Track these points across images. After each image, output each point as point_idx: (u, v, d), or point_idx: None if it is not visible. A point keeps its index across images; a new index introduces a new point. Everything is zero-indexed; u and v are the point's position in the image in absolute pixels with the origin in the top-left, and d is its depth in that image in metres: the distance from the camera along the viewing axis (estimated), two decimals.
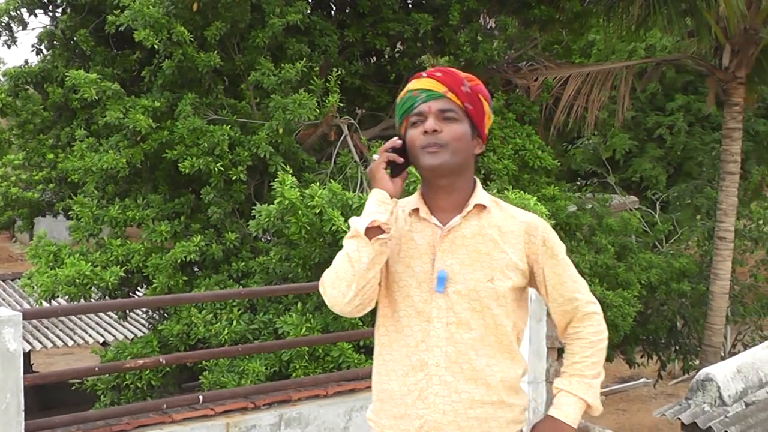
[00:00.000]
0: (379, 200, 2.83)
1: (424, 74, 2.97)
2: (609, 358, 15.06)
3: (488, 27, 15.96)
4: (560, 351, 7.53)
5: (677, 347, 16.48)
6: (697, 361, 15.49)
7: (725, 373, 5.97)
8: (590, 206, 15.74)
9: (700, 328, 15.42)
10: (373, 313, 3.01)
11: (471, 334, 2.88)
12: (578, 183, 23.13)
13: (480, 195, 2.97)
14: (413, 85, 2.97)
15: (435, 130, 2.85)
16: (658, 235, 17.99)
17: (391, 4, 13.43)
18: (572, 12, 15.04)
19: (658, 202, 20.16)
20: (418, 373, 2.88)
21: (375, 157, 2.90)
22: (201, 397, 5.91)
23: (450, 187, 2.94)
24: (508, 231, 2.95)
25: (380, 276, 2.91)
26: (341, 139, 11.89)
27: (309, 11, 13.14)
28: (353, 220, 2.83)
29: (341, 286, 2.80)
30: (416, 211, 2.97)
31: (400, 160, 2.90)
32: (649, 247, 17.13)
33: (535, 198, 10.88)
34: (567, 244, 12.93)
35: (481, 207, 2.94)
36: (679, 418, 5.82)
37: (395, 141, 2.92)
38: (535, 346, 7.13)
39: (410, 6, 14.69)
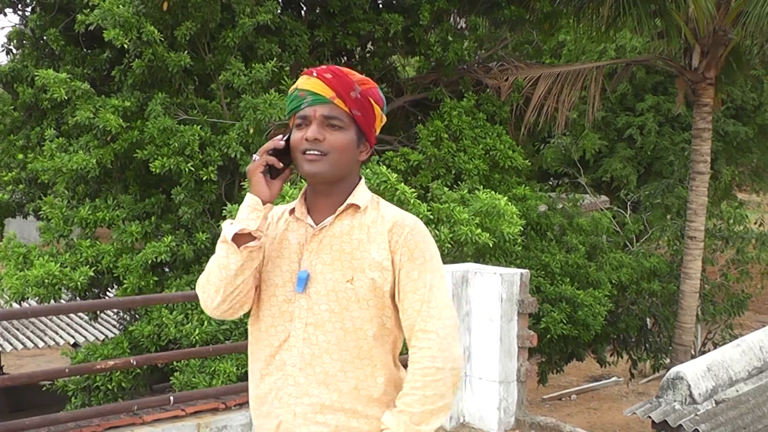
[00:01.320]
0: (250, 207, 2.77)
1: (314, 73, 2.86)
2: (580, 357, 15.12)
3: (459, 27, 16.00)
4: (531, 351, 7.57)
5: (648, 346, 16.56)
6: (668, 360, 15.56)
7: (696, 372, 6.01)
8: (561, 206, 15.80)
9: (670, 327, 15.50)
10: None
11: (326, 337, 2.79)
12: (550, 183, 23.22)
13: (357, 195, 2.88)
14: (302, 83, 2.86)
15: (316, 139, 2.77)
16: (628, 235, 18.09)
17: (362, 4, 13.42)
18: (542, 12, 15.10)
19: (628, 202, 20.25)
20: (277, 373, 2.84)
21: (255, 157, 2.82)
22: (172, 397, 5.92)
23: (329, 191, 2.87)
24: (376, 230, 2.85)
25: (255, 280, 2.89)
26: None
27: (279, 11, 13.10)
28: (225, 225, 2.80)
29: (210, 290, 2.81)
30: (294, 211, 2.93)
31: (279, 165, 2.82)
32: (620, 247, 17.22)
33: (505, 198, 10.94)
34: (538, 244, 13.08)
35: (355, 207, 2.86)
36: (650, 417, 5.86)
37: (277, 141, 2.83)
38: (506, 346, 7.17)
39: (381, 6, 14.70)
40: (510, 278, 7.18)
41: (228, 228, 2.77)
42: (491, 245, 10.18)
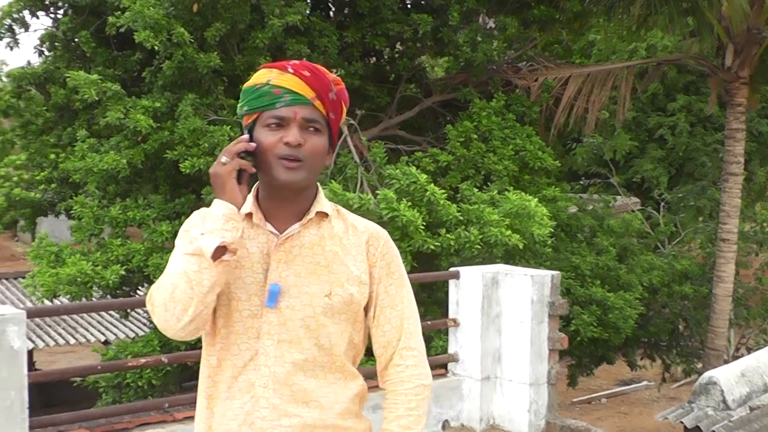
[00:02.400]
0: (226, 216, 2.44)
1: (289, 69, 2.58)
2: (610, 360, 15.05)
3: (488, 27, 15.95)
4: (561, 353, 7.55)
5: (679, 350, 16.43)
6: (700, 365, 15.42)
7: (729, 377, 5.95)
8: (591, 207, 15.72)
9: (702, 331, 15.34)
10: None
11: (303, 354, 2.57)
12: (581, 183, 23.11)
13: (323, 202, 2.67)
14: (277, 79, 2.57)
15: (299, 144, 2.51)
16: (660, 237, 17.96)
17: (391, 5, 13.40)
18: (572, 12, 15.01)
19: (660, 203, 20.12)
20: (245, 396, 2.56)
21: (224, 159, 2.49)
22: None
23: (294, 197, 2.62)
24: (350, 242, 2.68)
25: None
26: (341, 139, 11.89)
27: (308, 12, 13.14)
28: (195, 235, 2.45)
29: (176, 309, 2.41)
30: (250, 215, 2.63)
31: (252, 170, 2.55)
32: (651, 249, 17.08)
33: (535, 199, 10.89)
34: (568, 246, 13.02)
35: (322, 215, 2.66)
36: (682, 422, 5.81)
37: (249, 144, 2.53)
38: (537, 348, 7.15)
39: (409, 6, 14.67)
40: (541, 280, 7.15)
41: (205, 241, 2.41)
42: (521, 247, 10.15)
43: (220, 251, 2.40)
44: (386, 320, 2.72)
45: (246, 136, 2.55)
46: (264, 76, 2.58)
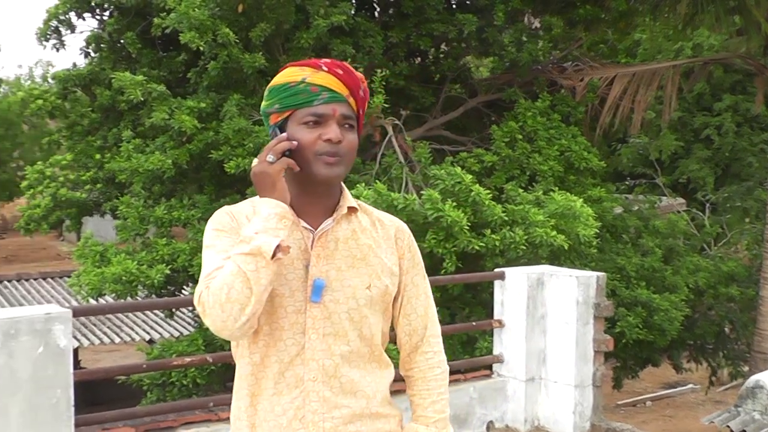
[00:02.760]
0: (279, 215, 2.46)
1: (323, 67, 2.61)
2: (655, 363, 14.92)
3: (533, 27, 15.87)
4: (606, 355, 7.49)
5: (725, 353, 16.24)
6: (746, 368, 15.25)
7: None
8: (637, 208, 15.60)
9: (749, 334, 15.16)
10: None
11: (349, 346, 2.63)
12: (626, 184, 22.95)
13: (350, 198, 2.73)
14: (312, 77, 2.59)
15: (339, 141, 2.55)
16: (706, 238, 17.77)
17: (435, 5, 13.38)
18: (618, 11, 14.92)
19: (706, 204, 19.93)
20: (294, 391, 2.59)
21: (270, 158, 2.50)
22: None
23: (326, 193, 2.66)
24: (379, 235, 2.75)
25: None
26: (386, 139, 11.89)
27: (353, 12, 13.16)
28: (248, 234, 2.45)
29: (233, 309, 2.39)
30: None
31: (297, 168, 2.56)
32: (697, 250, 16.90)
33: (581, 200, 10.83)
34: (613, 247, 12.94)
35: (351, 210, 2.71)
36: (728, 426, 5.74)
37: (291, 143, 2.54)
38: (582, 349, 7.10)
39: (454, 6, 14.65)
40: (586, 281, 7.10)
41: (264, 240, 2.42)
42: (566, 247, 10.09)
43: (275, 250, 2.42)
44: (412, 309, 2.82)
45: (285, 134, 2.56)
46: (297, 74, 2.60)
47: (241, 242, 2.43)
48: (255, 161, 2.55)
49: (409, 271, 2.80)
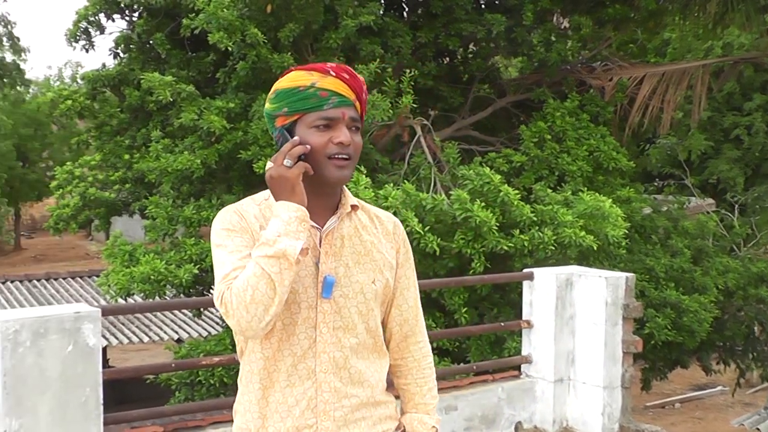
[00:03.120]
0: (299, 218, 2.56)
1: (331, 72, 2.70)
2: (684, 365, 14.83)
3: (562, 27, 15.83)
4: (634, 356, 7.45)
5: (755, 354, 16.12)
6: None
7: None
8: (666, 209, 15.51)
9: None
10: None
11: (357, 339, 2.76)
12: (655, 184, 22.84)
13: (351, 196, 2.84)
14: (321, 82, 2.67)
15: (349, 143, 2.66)
16: (735, 239, 17.63)
17: (464, 5, 13.37)
18: (647, 10, 14.84)
19: (736, 205, 19.79)
20: (306, 382, 2.69)
21: (288, 163, 2.58)
22: None
23: (331, 192, 2.77)
24: (378, 231, 2.88)
25: None
26: (414, 140, 11.89)
27: (382, 12, 13.16)
28: (270, 237, 2.53)
29: (257, 310, 2.49)
30: None
31: (311, 172, 2.64)
32: (727, 251, 16.77)
33: (609, 200, 10.78)
34: (642, 247, 12.87)
35: (354, 207, 2.83)
36: (758, 429, 5.72)
37: (306, 147, 2.62)
38: (610, 350, 7.08)
39: (483, 6, 14.63)
40: (615, 282, 7.07)
41: (287, 243, 2.51)
42: (595, 248, 10.06)
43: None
44: (404, 300, 2.96)
45: (297, 138, 2.64)
46: (306, 78, 2.68)
47: (263, 244, 2.52)
48: (269, 164, 2.65)
49: (403, 265, 2.93)
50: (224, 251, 2.63)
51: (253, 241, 2.63)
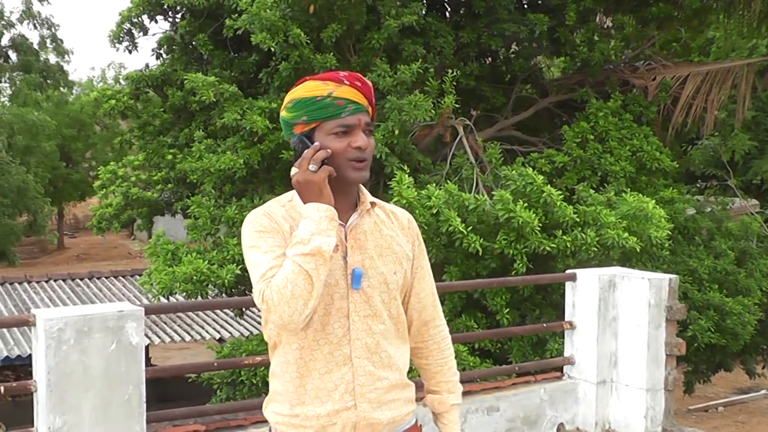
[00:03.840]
0: (328, 217, 2.78)
1: (345, 81, 2.90)
2: (728, 368, 14.68)
3: (605, 26, 15.75)
4: (678, 359, 7.39)
5: None
6: None
7: None
8: (709, 209, 15.37)
9: None
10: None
11: (384, 325, 2.99)
12: (698, 185, 22.62)
13: (368, 194, 3.06)
14: (337, 91, 2.88)
15: (367, 147, 2.90)
16: None
17: (507, 5, 13.33)
18: (691, 9, 14.71)
19: None
20: (343, 368, 2.91)
21: (313, 167, 2.79)
22: None
23: (350, 191, 2.98)
24: (395, 226, 3.10)
25: None
26: (456, 140, 11.87)
27: (424, 12, 13.15)
28: (304, 236, 2.74)
29: (297, 305, 2.71)
30: None
31: (335, 174, 2.85)
32: None
33: (653, 201, 10.71)
34: (685, 249, 12.77)
35: (373, 204, 3.05)
36: None
37: (327, 152, 2.83)
38: (653, 353, 7.02)
39: (526, 6, 14.59)
40: (658, 283, 7.02)
41: (321, 241, 2.73)
42: (638, 249, 9.99)
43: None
44: (421, 288, 3.18)
45: (318, 144, 2.85)
46: (322, 89, 2.89)
47: (298, 243, 2.74)
48: (294, 170, 2.86)
49: (418, 256, 3.16)
50: (258, 252, 2.84)
51: (284, 240, 2.85)
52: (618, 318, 7.15)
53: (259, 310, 12.04)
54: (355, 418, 2.93)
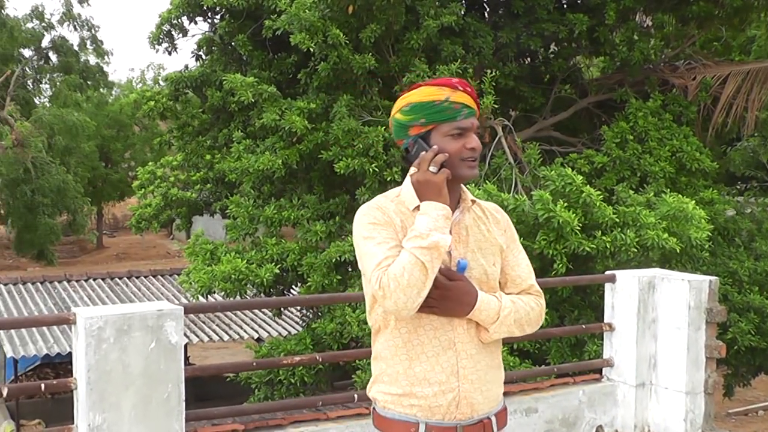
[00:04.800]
0: (444, 215, 3.06)
1: (459, 87, 3.16)
2: None
3: (644, 25, 15.64)
4: (717, 362, 7.32)
5: None
6: None
7: None
8: (749, 211, 15.22)
9: None
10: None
11: None
12: (738, 186, 22.41)
13: (468, 192, 3.32)
14: (453, 96, 3.14)
15: (480, 148, 3.20)
16: None
17: (546, 5, 13.28)
18: (732, 7, 14.54)
19: None
20: (448, 351, 3.16)
21: (433, 169, 3.07)
22: (356, 395, 5.94)
23: (455, 189, 3.23)
24: (490, 221, 3.35)
25: None
26: (495, 140, 11.84)
27: (463, 12, 13.12)
28: (422, 231, 3.00)
29: (412, 293, 2.97)
30: (417, 208, 3.15)
31: (451, 176, 3.12)
32: None
33: (692, 201, 10.62)
34: (725, 250, 12.65)
35: (473, 202, 3.33)
36: None
37: (445, 154, 3.10)
38: (693, 355, 6.95)
39: (565, 6, 14.52)
40: (698, 285, 6.96)
41: (438, 236, 3.00)
42: (678, 250, 9.91)
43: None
44: (517, 276, 3.40)
45: (436, 147, 3.12)
46: (439, 93, 3.15)
47: (416, 237, 3.00)
48: (412, 170, 3.15)
49: (510, 245, 3.40)
50: (373, 242, 3.10)
51: (395, 233, 3.12)
52: (657, 320, 7.10)
53: (297, 310, 12.05)
54: (458, 398, 3.15)
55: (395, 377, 3.22)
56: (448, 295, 3.13)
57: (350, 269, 11.59)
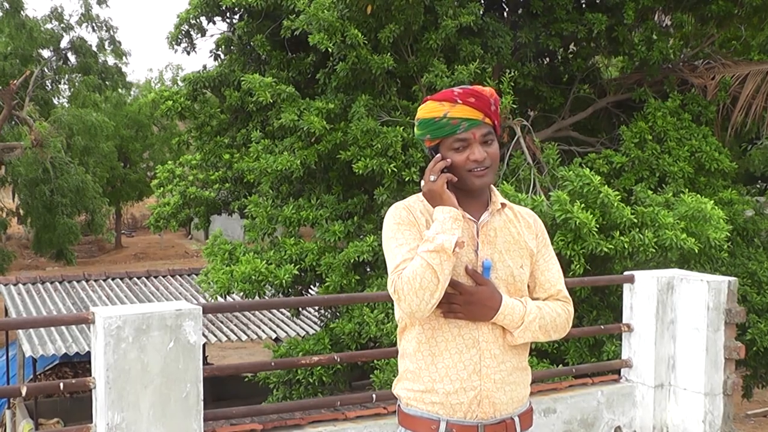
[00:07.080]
0: (453, 218, 3.16)
1: (458, 100, 3.26)
2: None
3: (663, 25, 15.58)
4: (737, 363, 7.29)
5: None
6: None
7: None
8: None
9: None
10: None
11: None
12: (757, 186, 22.30)
13: (500, 195, 3.45)
14: (451, 112, 3.26)
15: (484, 158, 3.27)
16: None
17: (565, 5, 13.25)
18: (751, 6, 14.46)
19: None
20: (471, 350, 3.25)
21: (432, 178, 3.23)
22: (374, 395, 5.95)
23: (481, 192, 3.37)
24: (521, 225, 3.45)
25: None
26: (514, 140, 11.82)
27: (482, 12, 13.11)
28: (430, 235, 3.13)
29: (425, 295, 3.08)
30: None
31: (455, 179, 3.27)
32: None
33: (711, 202, 10.58)
34: (744, 251, 12.60)
35: (503, 205, 3.43)
36: None
37: (446, 161, 3.26)
38: (712, 356, 6.93)
39: (584, 6, 14.48)
40: (717, 286, 6.93)
41: (443, 239, 3.10)
42: (696, 251, 9.88)
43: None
44: (546, 280, 3.47)
45: (439, 155, 3.29)
46: (439, 110, 3.29)
47: (426, 241, 3.12)
48: (422, 183, 3.28)
49: (541, 250, 3.48)
50: (395, 243, 3.26)
51: (419, 233, 3.25)
52: (676, 321, 7.08)
53: (315, 310, 12.15)
54: (479, 396, 3.24)
55: (418, 374, 3.31)
56: (472, 300, 3.21)
57: (368, 269, 11.62)
